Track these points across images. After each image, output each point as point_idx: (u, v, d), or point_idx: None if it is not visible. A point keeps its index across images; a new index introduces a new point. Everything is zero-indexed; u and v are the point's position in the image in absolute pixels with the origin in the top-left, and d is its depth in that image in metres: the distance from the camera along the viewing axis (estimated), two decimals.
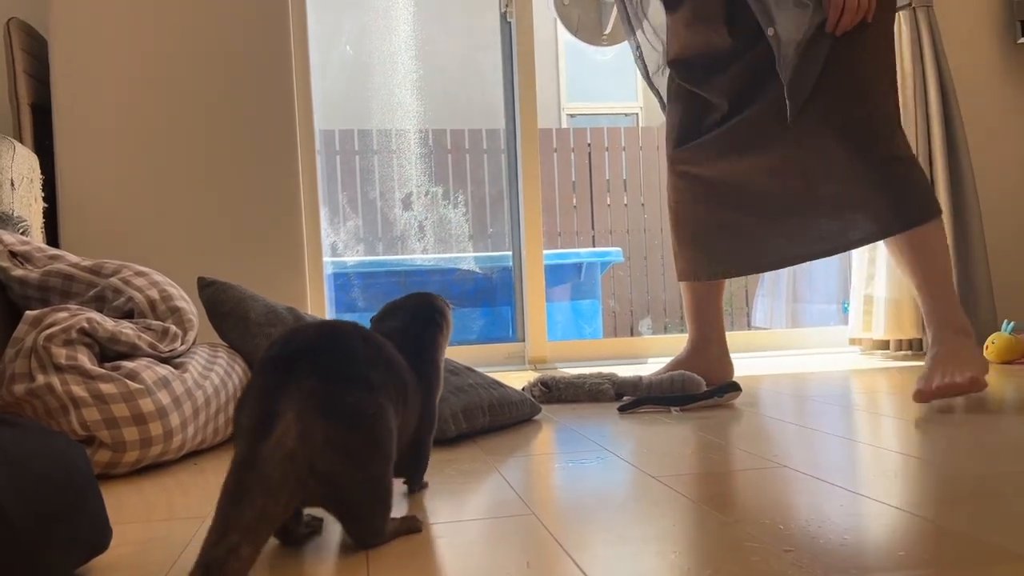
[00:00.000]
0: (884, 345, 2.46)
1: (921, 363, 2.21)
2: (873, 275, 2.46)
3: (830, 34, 1.52)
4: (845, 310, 2.64)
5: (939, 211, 1.56)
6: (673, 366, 1.84)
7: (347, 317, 3.11)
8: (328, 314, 2.29)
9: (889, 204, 1.54)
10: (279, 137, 2.17)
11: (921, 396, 1.44)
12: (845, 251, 1.68)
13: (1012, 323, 2.11)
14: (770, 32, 1.55)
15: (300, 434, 0.67)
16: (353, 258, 3.24)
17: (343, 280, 3.05)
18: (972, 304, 2.38)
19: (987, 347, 2.12)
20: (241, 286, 1.49)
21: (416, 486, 0.98)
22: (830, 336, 2.67)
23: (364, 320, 0.97)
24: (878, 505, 0.84)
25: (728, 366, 1.87)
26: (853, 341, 2.55)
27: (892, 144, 1.56)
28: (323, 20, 2.68)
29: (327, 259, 2.33)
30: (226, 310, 1.46)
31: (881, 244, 2.45)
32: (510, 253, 2.63)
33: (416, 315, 0.98)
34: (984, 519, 0.78)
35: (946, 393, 1.42)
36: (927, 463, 1.04)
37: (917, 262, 1.54)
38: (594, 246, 4.73)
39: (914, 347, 2.41)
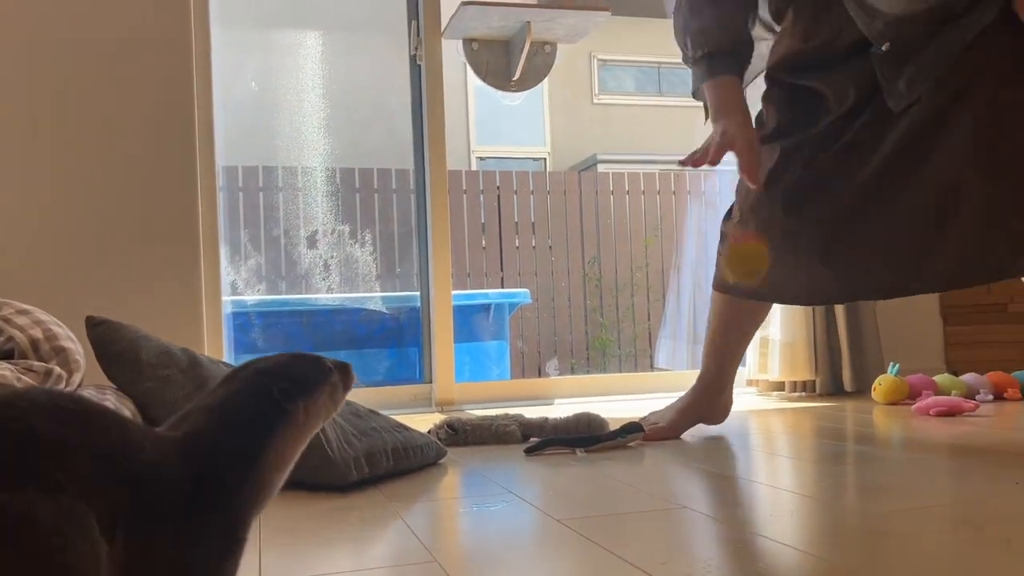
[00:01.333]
0: (780, 386, 2.55)
1: (816, 404, 2.30)
2: (769, 318, 2.55)
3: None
4: None
5: None
6: (683, 409, 1.68)
7: (246, 358, 3.02)
8: (226, 355, 2.21)
9: None
10: (178, 172, 2.10)
11: None
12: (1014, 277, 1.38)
13: (897, 365, 2.21)
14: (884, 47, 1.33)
15: None
16: (254, 297, 3.16)
17: (243, 320, 2.96)
18: (860, 347, 2.49)
19: (874, 388, 2.21)
20: (134, 326, 1.42)
21: None
22: None
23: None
24: (774, 544, 0.86)
25: (729, 406, 1.73)
26: (751, 382, 2.63)
27: None
28: (228, 55, 2.63)
29: (226, 298, 2.26)
30: (117, 351, 1.39)
31: None
32: (418, 293, 2.61)
33: (251, 390, 0.69)
34: (875, 557, 0.81)
35: None
36: (820, 503, 1.07)
37: None
38: (503, 287, 4.76)
39: (807, 388, 2.50)
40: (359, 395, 2.40)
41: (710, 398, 1.68)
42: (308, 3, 3.40)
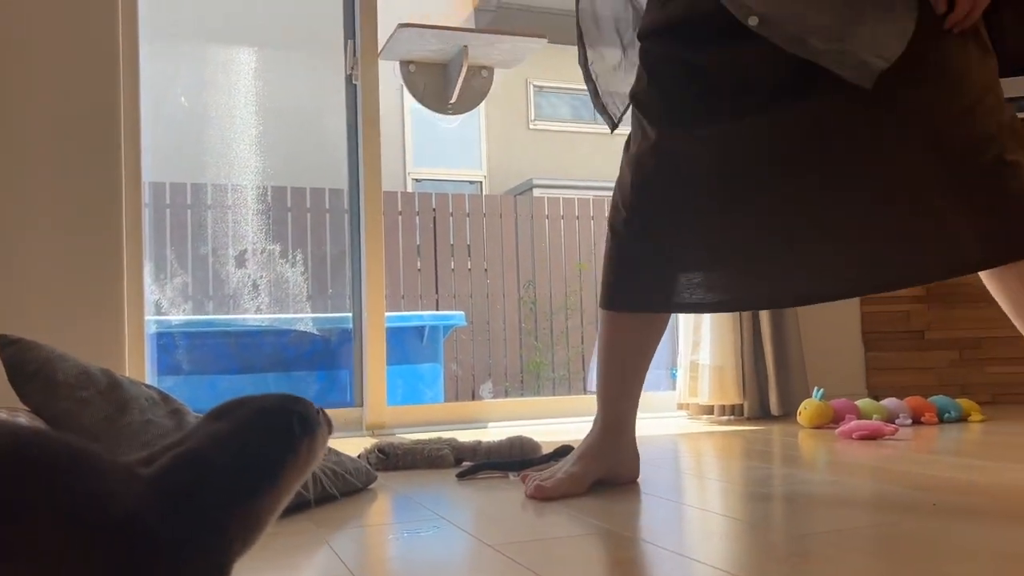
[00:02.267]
0: (709, 410, 2.59)
1: (744, 427, 2.34)
2: (699, 342, 2.59)
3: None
4: (673, 376, 2.76)
5: None
6: (582, 457, 1.37)
7: (169, 380, 2.93)
8: (148, 376, 2.14)
9: (997, 225, 1.10)
10: (102, 187, 2.04)
11: None
12: (924, 283, 1.22)
13: (822, 390, 2.27)
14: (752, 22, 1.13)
15: None
16: (179, 317, 3.07)
17: (167, 340, 2.87)
18: (786, 372, 2.55)
19: (800, 412, 2.27)
20: (50, 346, 1.36)
21: None
22: (660, 401, 2.78)
23: (189, 383, 0.82)
24: (704, 567, 0.87)
25: (636, 458, 1.43)
26: (681, 406, 2.66)
27: (1002, 145, 1.11)
28: (158, 68, 2.57)
29: (149, 317, 2.19)
30: (31, 371, 1.33)
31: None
32: (350, 314, 2.57)
33: (264, 422, 0.66)
34: None
35: None
36: (748, 525, 1.09)
37: None
38: (438, 309, 4.73)
39: (736, 412, 2.55)
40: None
41: (611, 442, 1.37)
42: (243, 19, 3.36)
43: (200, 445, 0.61)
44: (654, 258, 1.31)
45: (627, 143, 1.37)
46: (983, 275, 1.16)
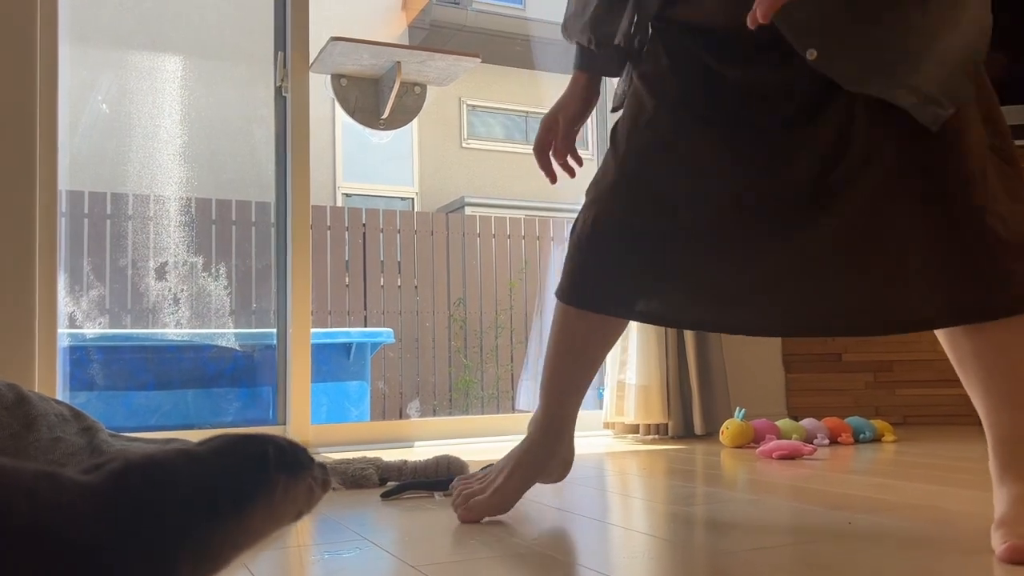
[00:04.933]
0: (634, 429, 2.61)
1: (669, 446, 2.37)
2: (626, 362, 2.62)
3: None
4: (600, 395, 2.78)
5: None
6: (513, 470, 1.29)
7: (83, 395, 2.82)
8: (59, 392, 2.05)
9: (970, 283, 1.03)
10: (14, 195, 1.95)
11: (1017, 555, 0.92)
12: (891, 333, 1.14)
13: (743, 410, 2.32)
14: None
15: None
16: (94, 330, 2.95)
17: (80, 354, 2.76)
18: (710, 392, 2.60)
19: (722, 432, 2.31)
20: None
21: None
22: (588, 420, 2.79)
23: (103, 399, 0.71)
24: None
25: (571, 461, 1.36)
26: (607, 425, 2.69)
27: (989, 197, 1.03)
28: (78, 73, 2.48)
29: (62, 330, 2.10)
30: None
31: (635, 329, 2.65)
32: (275, 330, 2.52)
33: (235, 448, 0.60)
34: None
35: None
36: (671, 543, 1.10)
37: (997, 369, 1.03)
38: (366, 326, 4.68)
39: (660, 431, 2.58)
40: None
41: (548, 446, 1.30)
42: (170, 27, 3.28)
43: (157, 454, 0.55)
44: (629, 258, 1.21)
45: (613, 134, 1.28)
46: (938, 332, 1.10)
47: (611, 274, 1.23)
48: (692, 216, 1.18)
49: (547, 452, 1.30)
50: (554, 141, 1.34)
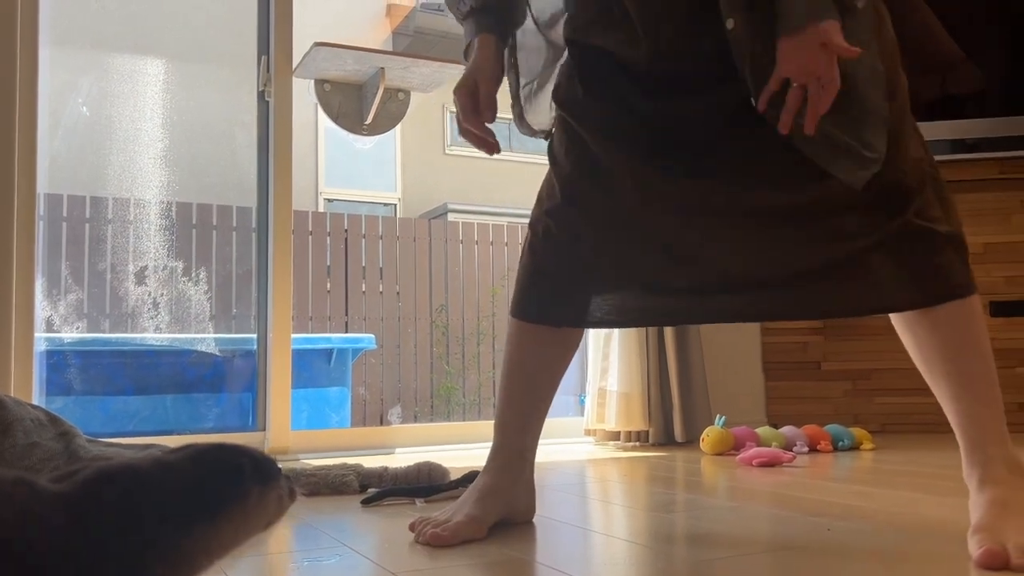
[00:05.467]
0: (616, 436, 2.62)
1: (649, 453, 2.37)
2: (607, 369, 2.63)
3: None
4: (582, 402, 2.79)
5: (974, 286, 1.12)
6: (482, 498, 1.23)
7: (59, 400, 2.79)
8: (36, 397, 2.03)
9: (917, 272, 1.10)
10: None
11: (995, 560, 0.93)
12: (837, 317, 1.23)
13: (724, 417, 2.33)
14: (730, 24, 1.07)
15: None
16: (72, 335, 2.92)
17: (58, 359, 2.73)
18: (690, 400, 2.61)
19: (703, 439, 2.32)
20: None
21: None
22: (569, 427, 2.80)
23: (81, 404, 0.70)
24: None
25: (533, 496, 1.31)
26: (588, 432, 2.69)
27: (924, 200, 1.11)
28: (59, 75, 2.46)
29: (39, 334, 2.08)
30: None
31: (617, 336, 2.66)
32: (255, 336, 2.50)
33: (207, 457, 0.60)
34: None
35: None
36: (652, 550, 1.10)
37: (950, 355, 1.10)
38: (347, 332, 4.66)
39: (641, 438, 2.59)
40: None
41: (511, 479, 1.25)
42: (152, 30, 3.26)
43: (132, 461, 0.54)
44: (575, 269, 1.24)
45: (550, 149, 1.31)
46: (895, 322, 1.17)
47: (562, 287, 1.25)
48: (639, 224, 1.20)
49: (511, 485, 1.26)
50: (478, 108, 1.28)
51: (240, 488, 0.59)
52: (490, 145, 1.30)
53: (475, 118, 1.28)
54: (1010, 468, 1.05)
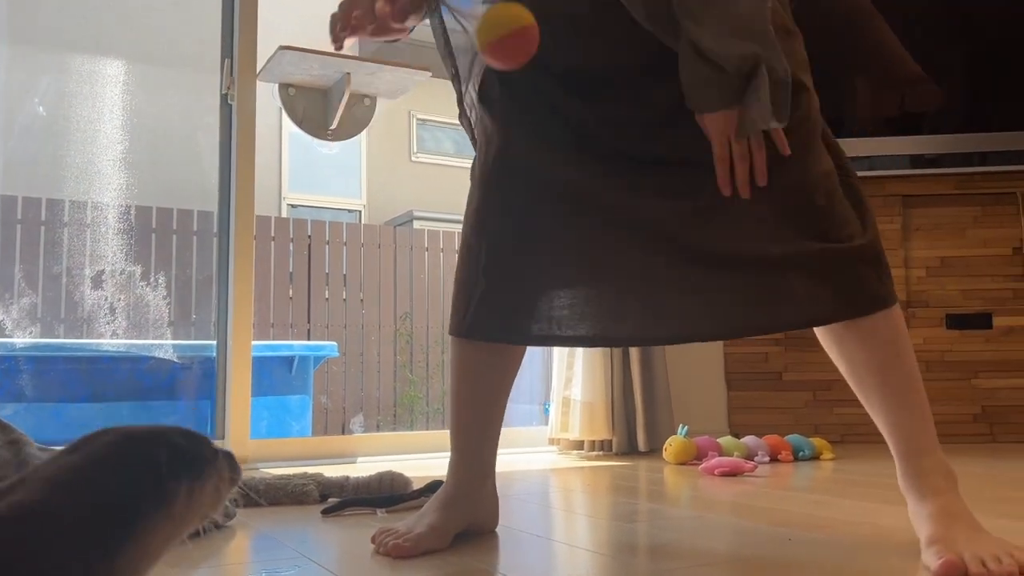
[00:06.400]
0: (579, 445, 2.62)
1: (613, 463, 2.38)
2: (571, 378, 2.63)
3: None
4: (547, 411, 2.78)
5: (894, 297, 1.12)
6: (444, 507, 1.21)
7: (11, 408, 2.71)
8: None
9: (831, 287, 1.09)
10: None
11: (954, 569, 0.94)
12: (766, 333, 1.21)
13: (686, 427, 2.34)
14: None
15: None
16: (24, 340, 2.85)
17: (9, 364, 2.66)
18: (653, 409, 2.62)
19: (665, 448, 2.33)
20: None
21: None
22: (533, 436, 2.79)
23: (33, 411, 0.61)
24: None
25: (496, 505, 1.30)
26: (552, 440, 2.69)
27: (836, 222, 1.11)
28: (14, 74, 2.41)
29: None
30: None
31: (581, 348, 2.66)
32: (214, 342, 2.46)
33: (121, 458, 0.52)
34: None
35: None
36: (614, 560, 1.10)
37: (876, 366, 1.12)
38: (309, 339, 4.61)
39: (605, 448, 2.59)
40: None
41: (472, 489, 1.24)
42: (112, 30, 3.20)
43: (32, 495, 0.47)
44: (506, 281, 1.20)
45: (473, 165, 1.29)
46: (822, 340, 1.17)
47: (497, 302, 1.20)
48: (563, 236, 1.17)
49: (474, 494, 1.25)
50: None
51: (160, 490, 0.52)
52: (341, 42, 1.18)
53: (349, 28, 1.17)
54: (945, 477, 1.07)
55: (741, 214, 1.09)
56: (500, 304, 1.20)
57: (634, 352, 2.62)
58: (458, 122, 1.37)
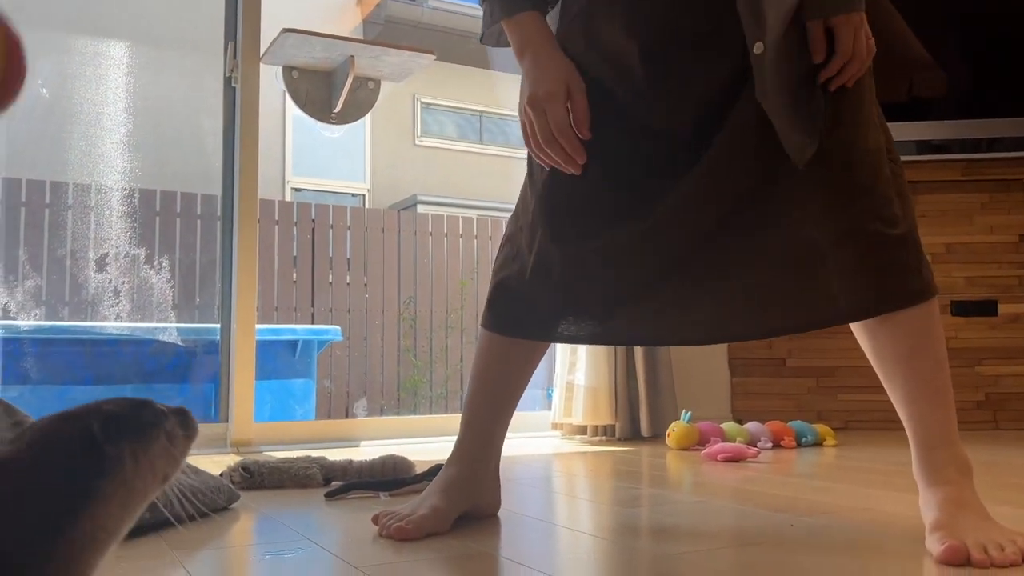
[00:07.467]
0: (582, 430, 2.62)
1: (616, 448, 2.38)
2: (575, 363, 2.63)
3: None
4: (549, 396, 2.78)
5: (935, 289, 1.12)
6: (446, 490, 1.22)
7: (15, 389, 2.72)
8: None
9: (872, 278, 1.09)
10: None
11: (957, 555, 0.95)
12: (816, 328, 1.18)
13: (689, 413, 2.34)
14: (758, 49, 1.04)
15: None
16: (29, 322, 2.86)
17: (14, 347, 2.67)
18: (656, 395, 2.62)
19: (668, 434, 2.33)
20: None
21: None
22: (536, 420, 2.80)
23: (38, 394, 0.62)
24: None
25: (499, 490, 1.31)
26: (555, 425, 2.69)
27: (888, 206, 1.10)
28: None
29: None
30: None
31: None
32: (218, 326, 2.47)
33: (57, 436, 0.53)
34: None
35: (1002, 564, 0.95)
36: (616, 545, 1.10)
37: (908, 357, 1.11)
38: (313, 323, 4.61)
39: (608, 433, 2.59)
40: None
41: (475, 472, 1.25)
42: (116, 12, 3.19)
43: None
44: (551, 283, 1.19)
45: (529, 163, 1.25)
46: (856, 331, 1.16)
47: (538, 301, 1.20)
48: (613, 235, 1.15)
49: (476, 478, 1.25)
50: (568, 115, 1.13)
51: (99, 457, 0.51)
52: (578, 162, 1.15)
53: (570, 131, 1.13)
54: (959, 469, 1.08)
55: (785, 197, 1.08)
56: (543, 306, 1.20)
57: None
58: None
